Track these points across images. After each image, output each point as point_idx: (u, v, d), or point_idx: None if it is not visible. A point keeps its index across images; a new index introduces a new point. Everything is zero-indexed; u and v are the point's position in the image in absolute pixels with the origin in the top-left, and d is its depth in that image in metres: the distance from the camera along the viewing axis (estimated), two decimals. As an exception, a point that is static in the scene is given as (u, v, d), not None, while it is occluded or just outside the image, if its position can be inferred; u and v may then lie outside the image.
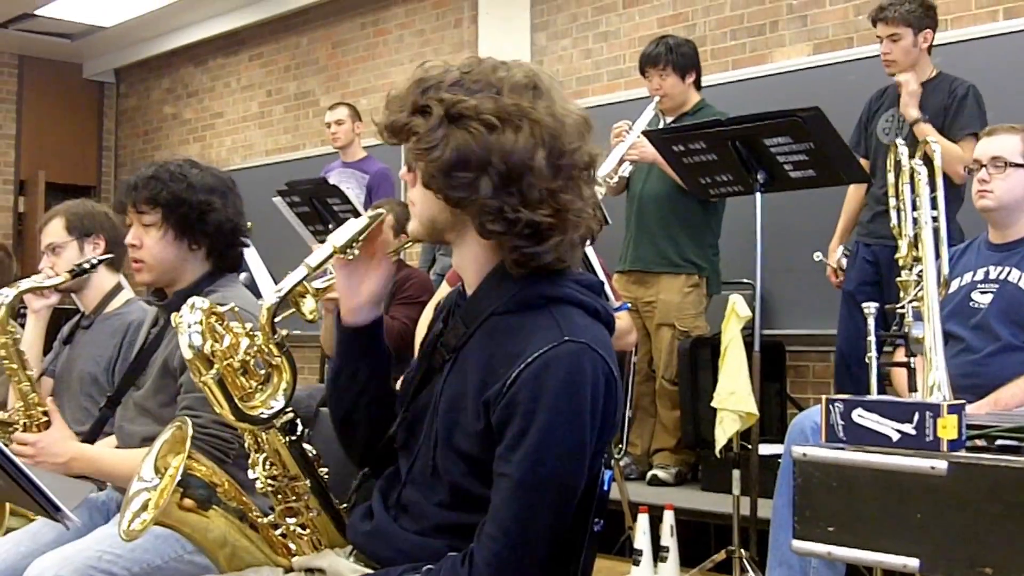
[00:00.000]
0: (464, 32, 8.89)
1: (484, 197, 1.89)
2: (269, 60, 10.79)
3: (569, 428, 1.85)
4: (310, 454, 2.18)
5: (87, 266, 3.44)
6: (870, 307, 2.92)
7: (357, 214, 5.65)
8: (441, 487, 1.98)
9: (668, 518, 4.66)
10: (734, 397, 4.36)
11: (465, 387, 1.95)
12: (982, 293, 3.70)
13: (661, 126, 5.70)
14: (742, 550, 4.25)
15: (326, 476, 2.22)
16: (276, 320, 2.05)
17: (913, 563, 1.67)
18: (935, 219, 3.09)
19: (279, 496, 2.17)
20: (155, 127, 12.26)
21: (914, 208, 3.17)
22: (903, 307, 2.88)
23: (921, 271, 2.95)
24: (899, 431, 1.71)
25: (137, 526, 2.13)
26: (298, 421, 2.15)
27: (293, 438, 2.13)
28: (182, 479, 2.12)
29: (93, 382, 3.64)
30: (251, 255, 4.21)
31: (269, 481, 2.14)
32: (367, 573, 2.04)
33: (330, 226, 4.52)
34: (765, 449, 4.66)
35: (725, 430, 4.38)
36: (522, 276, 1.96)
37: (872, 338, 2.90)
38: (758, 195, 4.41)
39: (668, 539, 4.62)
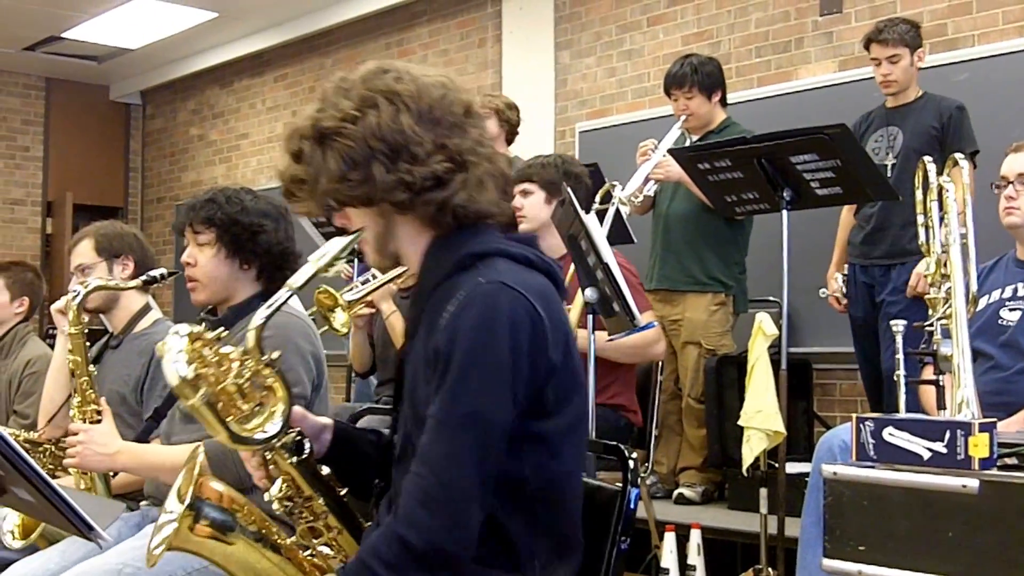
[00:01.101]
0: (488, 52, 8.91)
1: (382, 179, 1.98)
2: (294, 81, 10.83)
3: (485, 362, 1.89)
4: (323, 472, 2.18)
5: (159, 276, 3.66)
6: (898, 325, 2.91)
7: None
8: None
9: (695, 537, 4.63)
10: (761, 415, 4.33)
11: (416, 362, 2.04)
12: (1011, 310, 3.68)
13: (687, 144, 5.69)
14: (769, 569, 4.23)
15: (345, 495, 2.21)
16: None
17: (945, 582, 1.67)
18: (963, 236, 3.08)
19: (297, 517, 2.17)
20: (181, 148, 12.31)
21: (942, 224, 3.15)
22: (931, 325, 2.86)
23: (949, 288, 2.93)
24: (930, 449, 1.70)
25: (155, 552, 2.13)
26: (305, 441, 2.15)
27: (300, 458, 2.13)
28: (193, 504, 2.12)
29: (122, 402, 3.65)
30: None
31: (284, 502, 2.15)
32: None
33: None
34: (792, 467, 4.63)
35: (752, 448, 4.36)
36: (451, 239, 2.05)
37: (900, 356, 2.88)
38: (784, 213, 4.39)
39: (695, 558, 4.60)
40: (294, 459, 2.11)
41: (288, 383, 2.09)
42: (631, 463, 1.96)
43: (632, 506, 1.99)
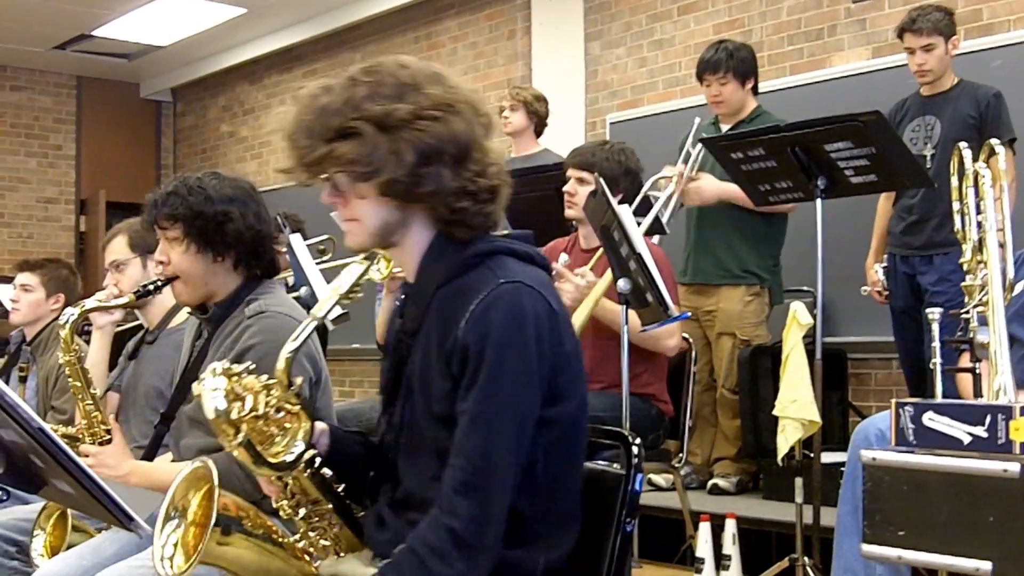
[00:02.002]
0: (518, 44, 8.90)
1: (448, 182, 2.04)
2: (323, 76, 10.80)
3: (517, 358, 1.98)
4: (327, 476, 2.23)
5: (152, 288, 3.44)
6: (934, 313, 2.89)
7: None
8: (432, 460, 2.08)
9: (730, 526, 4.63)
10: (796, 405, 4.31)
11: (429, 359, 2.09)
12: (1048, 295, 3.65)
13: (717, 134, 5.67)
14: (805, 558, 4.21)
15: (342, 491, 2.27)
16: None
17: (985, 567, 1.65)
18: (999, 223, 3.05)
19: (304, 520, 2.24)
20: (212, 145, 12.35)
21: (978, 211, 3.13)
22: (967, 312, 2.85)
23: (986, 276, 2.91)
24: (970, 434, 1.69)
25: (176, 571, 2.15)
26: (317, 455, 2.20)
27: (313, 470, 2.19)
28: (219, 521, 2.16)
29: (158, 396, 3.66)
30: (297, 242, 4.24)
31: (293, 507, 2.23)
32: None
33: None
34: (827, 457, 4.61)
35: (787, 438, 4.34)
36: (457, 243, 2.10)
37: (936, 344, 2.87)
38: (819, 201, 4.37)
39: (730, 547, 4.60)
40: (308, 472, 2.17)
41: (311, 408, 2.15)
42: (635, 448, 1.99)
43: (637, 488, 2.02)
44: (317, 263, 4.30)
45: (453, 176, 2.04)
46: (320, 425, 2.27)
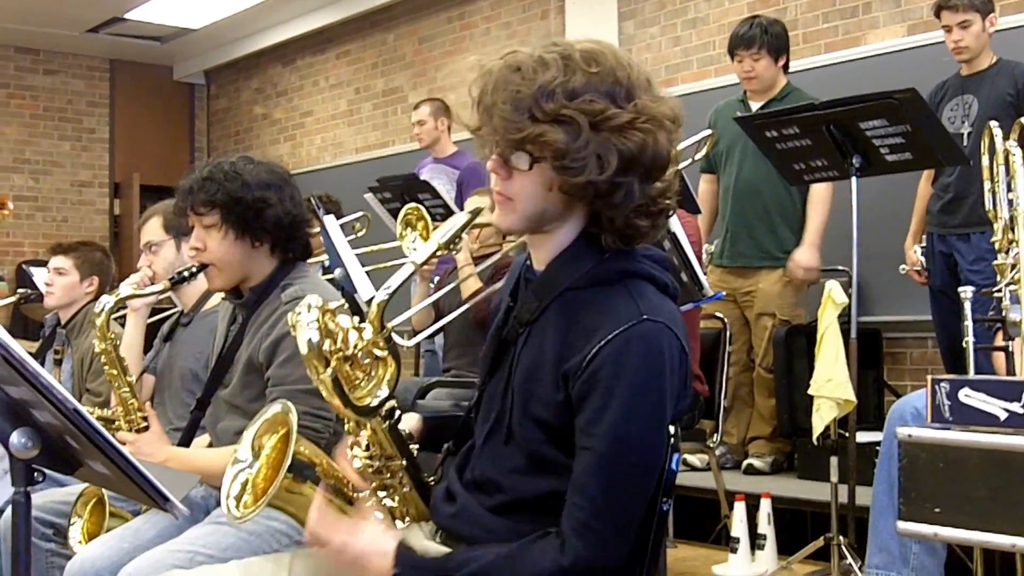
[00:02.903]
0: (551, 24, 8.87)
1: (638, 195, 1.98)
2: (356, 58, 10.85)
3: (649, 404, 1.93)
4: (403, 433, 2.23)
5: (187, 274, 3.42)
6: (966, 291, 2.87)
7: (448, 209, 5.72)
8: (517, 454, 2.05)
9: (765, 506, 4.63)
10: (831, 384, 4.30)
11: (542, 359, 2.02)
12: (1080, 273, 3.62)
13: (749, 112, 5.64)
14: (840, 537, 4.20)
15: (417, 455, 2.27)
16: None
17: (1022, 543, 1.64)
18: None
19: (375, 475, 2.21)
20: (246, 128, 12.39)
21: (1009, 190, 3.11)
22: (999, 291, 2.83)
23: (1017, 254, 2.89)
24: (1007, 410, 1.68)
25: (244, 510, 2.19)
26: (396, 406, 2.19)
27: (392, 422, 2.17)
28: (293, 466, 2.19)
29: (194, 378, 3.67)
30: (331, 224, 4.24)
31: (367, 461, 2.19)
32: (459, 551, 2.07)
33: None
34: (863, 436, 4.60)
35: (823, 417, 4.33)
36: (596, 249, 2.04)
37: (969, 323, 2.85)
38: (854, 180, 4.34)
39: (765, 527, 4.59)
40: (386, 424, 2.15)
41: (398, 354, 2.12)
42: (671, 427, 1.97)
43: (673, 468, 2.01)
44: (350, 240, 4.30)
45: (640, 191, 1.98)
46: (413, 417, 2.29)
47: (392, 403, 2.14)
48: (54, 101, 12.21)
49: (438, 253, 2.14)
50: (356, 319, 2.10)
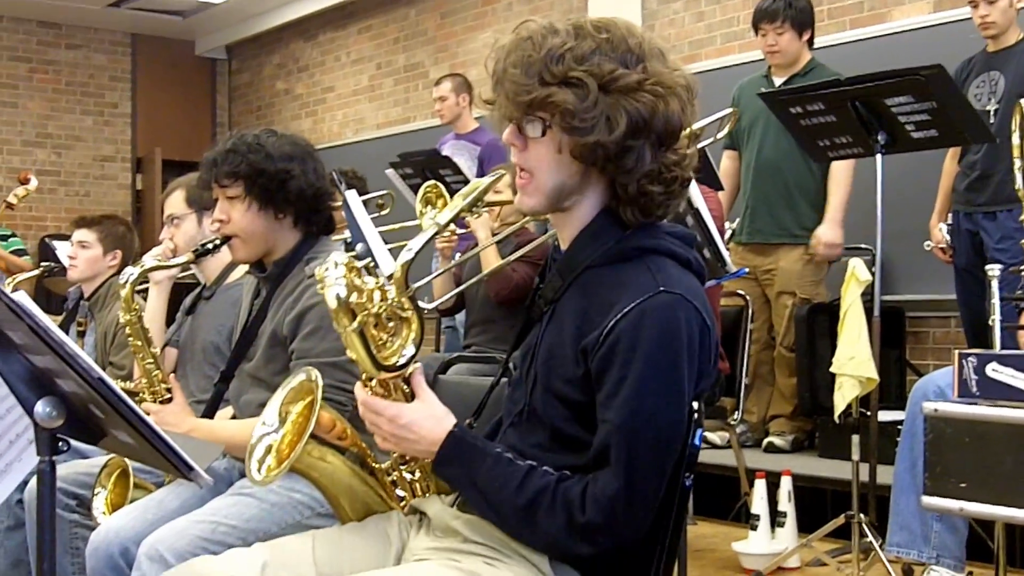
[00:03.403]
0: (574, -1, 8.84)
1: (646, 161, 1.98)
2: (378, 33, 10.83)
3: (666, 375, 1.93)
4: None
5: (211, 247, 3.38)
6: (993, 270, 2.86)
7: (469, 184, 5.71)
8: (540, 429, 2.07)
9: (786, 483, 4.63)
10: (854, 362, 4.28)
11: (563, 336, 2.04)
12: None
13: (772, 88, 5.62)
14: (861, 515, 4.19)
15: None
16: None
17: (1049, 520, 1.64)
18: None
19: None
20: (267, 103, 12.40)
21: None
22: (1025, 270, 2.82)
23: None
24: (1035, 385, 1.67)
25: (267, 473, 2.20)
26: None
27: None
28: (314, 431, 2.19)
29: (216, 351, 3.68)
30: (353, 198, 4.23)
31: None
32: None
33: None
34: (884, 415, 4.58)
35: (844, 395, 4.31)
36: (619, 226, 2.05)
37: (996, 301, 2.84)
38: (879, 157, 4.31)
39: (786, 504, 4.59)
40: (409, 389, 2.14)
41: (422, 314, 2.13)
42: (694, 403, 1.97)
43: (696, 443, 2.01)
44: (375, 217, 4.30)
45: (653, 157, 1.98)
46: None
47: (417, 365, 2.14)
48: (76, 76, 12.24)
49: (462, 214, 2.15)
50: (381, 279, 2.11)
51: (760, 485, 4.60)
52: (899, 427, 3.87)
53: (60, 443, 1.92)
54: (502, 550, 2.04)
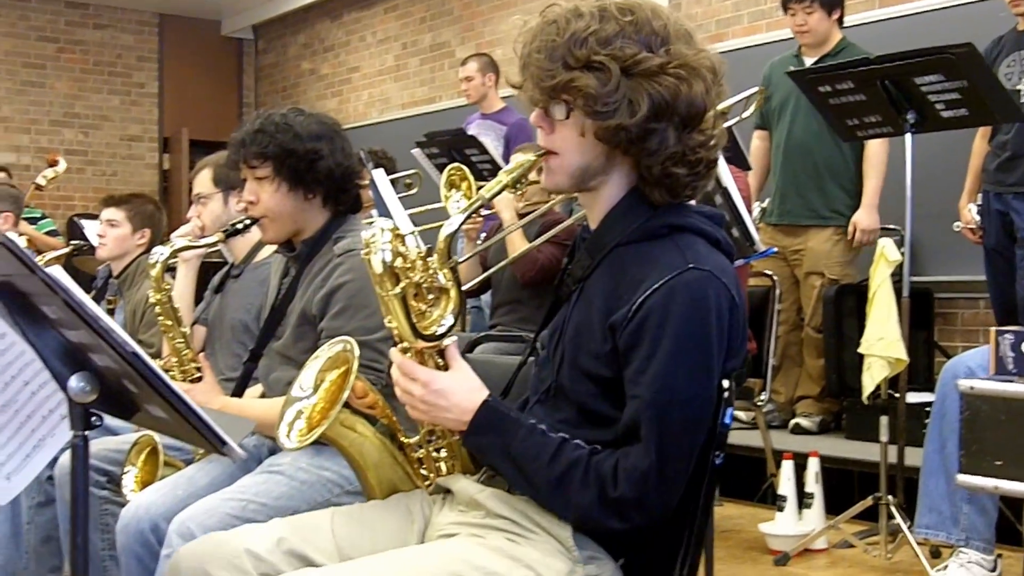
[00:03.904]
0: (601, -22, 8.78)
1: (673, 145, 1.99)
2: (404, 12, 10.82)
3: (695, 352, 1.93)
4: None
5: (241, 227, 3.38)
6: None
7: (495, 165, 5.70)
8: (566, 406, 2.09)
9: (813, 465, 4.61)
10: (883, 343, 4.27)
11: (591, 313, 2.05)
12: None
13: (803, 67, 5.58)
14: (889, 497, 4.18)
15: None
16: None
17: (1086, 499, 1.62)
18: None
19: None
20: (293, 83, 12.41)
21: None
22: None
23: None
24: (1072, 363, 1.65)
25: (298, 438, 2.22)
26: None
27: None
28: (349, 402, 2.21)
29: (244, 330, 3.68)
30: (380, 178, 4.24)
31: None
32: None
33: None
34: (912, 397, 4.57)
35: (873, 376, 4.30)
36: (647, 205, 2.06)
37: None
38: (908, 136, 4.29)
39: (813, 486, 4.58)
40: (443, 361, 2.15)
41: (461, 286, 2.13)
42: (724, 381, 1.96)
43: (727, 422, 2.01)
44: (402, 197, 4.31)
45: (677, 139, 1.99)
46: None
47: (453, 338, 2.14)
48: (103, 55, 12.28)
49: (505, 188, 2.14)
50: (424, 249, 2.13)
51: (787, 466, 4.60)
52: (927, 408, 3.85)
53: (93, 418, 1.92)
54: (526, 524, 2.05)
